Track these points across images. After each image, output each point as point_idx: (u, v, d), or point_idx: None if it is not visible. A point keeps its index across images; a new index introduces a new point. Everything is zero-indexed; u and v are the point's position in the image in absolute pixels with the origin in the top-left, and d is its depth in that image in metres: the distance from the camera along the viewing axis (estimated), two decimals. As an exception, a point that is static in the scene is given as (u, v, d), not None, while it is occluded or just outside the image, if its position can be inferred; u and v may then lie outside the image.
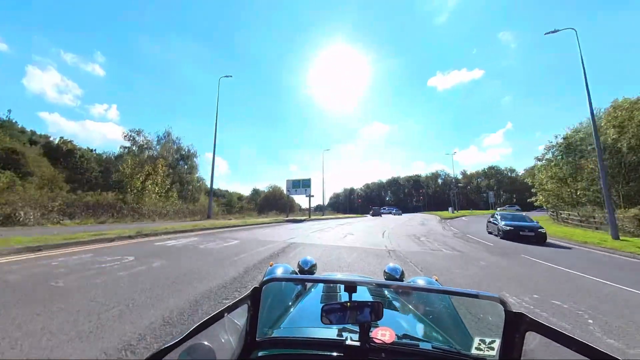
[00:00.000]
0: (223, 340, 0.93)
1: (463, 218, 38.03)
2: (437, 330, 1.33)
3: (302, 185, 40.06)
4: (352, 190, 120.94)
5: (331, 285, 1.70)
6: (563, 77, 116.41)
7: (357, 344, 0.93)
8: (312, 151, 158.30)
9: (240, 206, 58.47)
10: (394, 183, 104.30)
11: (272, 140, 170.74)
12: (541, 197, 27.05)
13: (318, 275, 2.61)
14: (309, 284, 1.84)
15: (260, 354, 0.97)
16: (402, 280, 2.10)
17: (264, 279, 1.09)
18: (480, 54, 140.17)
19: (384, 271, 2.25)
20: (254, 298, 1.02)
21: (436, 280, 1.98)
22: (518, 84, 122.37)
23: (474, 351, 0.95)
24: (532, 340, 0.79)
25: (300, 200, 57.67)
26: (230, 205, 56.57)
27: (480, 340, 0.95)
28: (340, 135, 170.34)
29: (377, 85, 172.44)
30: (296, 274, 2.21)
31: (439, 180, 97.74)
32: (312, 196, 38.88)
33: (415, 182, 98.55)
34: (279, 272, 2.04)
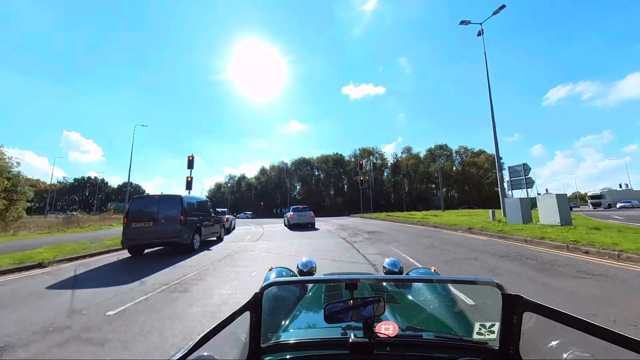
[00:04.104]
0: (227, 350, 0.91)
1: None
2: (438, 319, 1.33)
3: None
4: (242, 179, 77.99)
5: (332, 284, 1.68)
6: (438, 104, 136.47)
7: (362, 340, 0.91)
8: (224, 143, 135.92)
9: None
10: (303, 165, 66.65)
11: (172, 124, 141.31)
12: None
13: (318, 275, 2.48)
14: (309, 285, 1.78)
15: (266, 359, 0.96)
16: (402, 274, 2.11)
17: (264, 283, 1.01)
18: (385, 73, 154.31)
19: (383, 266, 2.21)
20: (256, 304, 0.97)
21: (434, 270, 2.00)
22: (409, 105, 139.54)
23: (475, 336, 0.97)
24: (529, 321, 0.82)
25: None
26: None
27: (480, 325, 0.98)
28: (256, 129, 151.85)
29: (295, 85, 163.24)
30: (296, 276, 2.08)
31: (368, 165, 65.10)
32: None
33: (336, 164, 63.13)
34: (278, 276, 1.98)
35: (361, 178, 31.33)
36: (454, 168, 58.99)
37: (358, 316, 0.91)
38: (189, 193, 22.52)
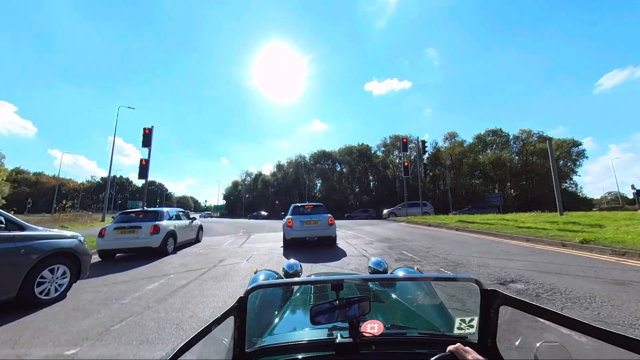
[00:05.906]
0: (211, 357, 0.90)
1: None
2: (422, 316, 1.35)
3: None
4: (259, 176, 71.52)
5: (318, 285, 1.66)
6: (468, 96, 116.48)
7: (348, 340, 0.92)
8: (249, 144, 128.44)
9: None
10: (323, 159, 57.97)
11: (200, 128, 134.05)
12: None
13: (303, 277, 2.41)
14: (296, 287, 1.77)
15: None
16: (386, 273, 2.12)
17: (249, 287, 1.00)
18: (410, 67, 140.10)
19: (369, 266, 2.22)
20: (240, 308, 0.95)
21: (417, 269, 2.01)
22: (436, 99, 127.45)
23: (456, 331, 1.02)
24: (505, 314, 0.84)
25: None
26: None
27: (460, 320, 1.02)
28: (280, 130, 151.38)
29: (316, 85, 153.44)
30: (282, 279, 2.03)
31: (402, 156, 54.59)
32: None
33: (361, 156, 53.30)
34: (264, 278, 1.95)
35: (405, 163, 22.21)
36: (509, 157, 47.13)
37: (344, 316, 0.91)
38: (145, 182, 15.08)
